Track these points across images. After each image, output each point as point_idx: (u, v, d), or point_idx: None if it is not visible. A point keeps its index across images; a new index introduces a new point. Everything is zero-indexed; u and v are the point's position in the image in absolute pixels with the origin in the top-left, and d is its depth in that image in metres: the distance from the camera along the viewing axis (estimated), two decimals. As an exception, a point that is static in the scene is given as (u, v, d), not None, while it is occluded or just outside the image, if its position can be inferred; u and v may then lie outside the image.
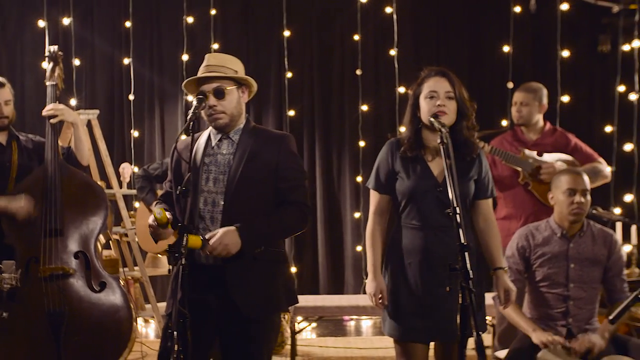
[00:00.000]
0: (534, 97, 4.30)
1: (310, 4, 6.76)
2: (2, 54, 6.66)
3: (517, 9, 6.49)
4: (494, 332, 4.53)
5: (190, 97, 2.78)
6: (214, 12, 6.54)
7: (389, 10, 6.48)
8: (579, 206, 3.37)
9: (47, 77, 3.82)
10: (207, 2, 6.52)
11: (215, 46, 6.54)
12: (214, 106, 2.70)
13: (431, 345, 3.01)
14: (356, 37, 6.59)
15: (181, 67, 6.53)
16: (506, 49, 6.51)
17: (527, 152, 4.27)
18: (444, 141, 2.63)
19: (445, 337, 2.86)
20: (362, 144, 6.56)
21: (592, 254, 3.42)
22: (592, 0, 6.24)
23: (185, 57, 6.47)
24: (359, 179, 6.55)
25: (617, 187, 6.28)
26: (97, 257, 3.49)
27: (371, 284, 2.93)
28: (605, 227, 3.53)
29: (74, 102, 6.40)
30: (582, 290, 3.40)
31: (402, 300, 2.91)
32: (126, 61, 6.55)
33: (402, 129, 3.10)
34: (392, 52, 6.50)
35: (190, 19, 6.52)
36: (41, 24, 6.39)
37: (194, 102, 2.66)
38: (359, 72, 6.58)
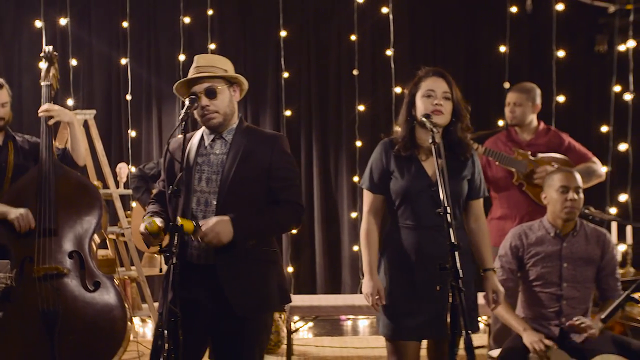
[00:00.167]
0: (527, 97, 4.30)
1: (307, 4, 6.78)
2: (-1, 55, 6.69)
3: (514, 9, 6.50)
4: (489, 332, 4.54)
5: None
6: (210, 12, 6.55)
7: (385, 10, 6.50)
8: (572, 203, 3.38)
9: (42, 77, 3.83)
10: (204, 2, 6.53)
11: (212, 46, 6.55)
12: (207, 106, 2.71)
13: (424, 343, 3.03)
14: (353, 37, 6.60)
15: (178, 67, 6.53)
16: (502, 49, 6.53)
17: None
18: (435, 141, 2.65)
19: (436, 336, 2.87)
20: (358, 144, 6.57)
21: (585, 253, 3.44)
22: (588, 0, 6.24)
23: (182, 57, 6.47)
24: (356, 179, 6.56)
25: (613, 187, 6.29)
26: (91, 257, 3.50)
27: (368, 284, 2.93)
28: (598, 227, 3.53)
29: (71, 102, 6.41)
30: (575, 289, 3.41)
31: (395, 299, 2.92)
32: (123, 61, 6.56)
33: (398, 128, 3.10)
34: (389, 52, 6.51)
35: (187, 19, 6.53)
36: (38, 24, 6.40)
37: (187, 102, 2.67)
38: (355, 72, 6.58)
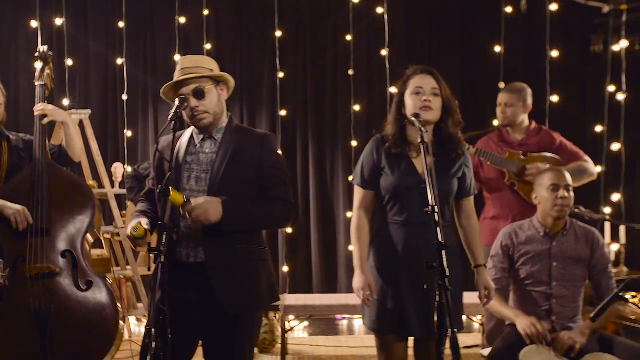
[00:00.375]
0: (518, 97, 4.31)
1: (302, 4, 6.79)
2: (-4, 54, 6.70)
3: (509, 9, 6.51)
4: (483, 331, 4.55)
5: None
6: (206, 12, 6.57)
7: (380, 10, 6.51)
8: (563, 201, 3.39)
9: (37, 77, 3.84)
10: (200, 2, 6.54)
11: (207, 46, 6.57)
12: (196, 107, 2.72)
13: (411, 342, 3.05)
14: (348, 37, 6.62)
15: (174, 67, 6.50)
16: (497, 49, 6.54)
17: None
18: (425, 140, 2.66)
19: (423, 334, 2.89)
20: (354, 143, 6.58)
21: (575, 252, 3.45)
22: (583, 0, 6.26)
23: (178, 57, 6.48)
24: (352, 179, 6.57)
25: (607, 186, 6.30)
26: (84, 256, 3.50)
27: (359, 279, 2.93)
28: (587, 226, 3.55)
29: (66, 102, 6.42)
30: (565, 288, 3.43)
31: (383, 295, 2.93)
32: (119, 61, 6.58)
33: (388, 127, 3.11)
34: (384, 52, 6.52)
35: (182, 19, 6.54)
36: (34, 24, 6.41)
37: (176, 102, 2.68)
38: (351, 72, 6.60)
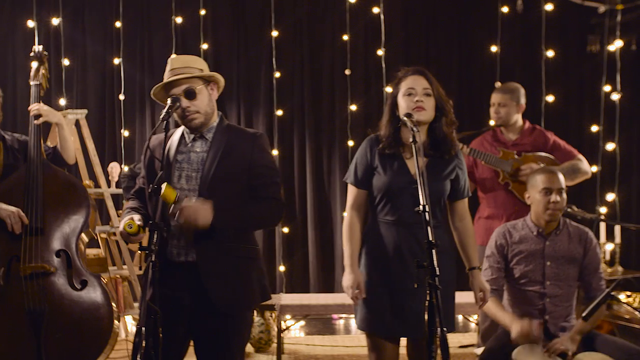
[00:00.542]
0: (511, 97, 4.32)
1: (299, 4, 6.80)
2: (-6, 54, 6.72)
3: (505, 9, 6.52)
4: (479, 330, 4.57)
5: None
6: (203, 12, 6.57)
7: (376, 10, 6.52)
8: (555, 205, 3.40)
9: (32, 76, 3.85)
10: (197, 2, 6.55)
11: (204, 46, 6.57)
12: (187, 107, 2.72)
13: (404, 341, 3.05)
14: (345, 37, 6.62)
15: (171, 67, 6.54)
16: (494, 48, 6.55)
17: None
18: (416, 140, 2.67)
19: (414, 334, 2.89)
20: (351, 143, 6.59)
21: (568, 252, 3.46)
22: (579, 0, 6.27)
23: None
24: (345, 177, 6.57)
25: (603, 186, 6.31)
26: (78, 256, 3.51)
27: (348, 277, 2.95)
28: (581, 225, 3.56)
29: (63, 101, 6.43)
30: (559, 287, 3.44)
31: (374, 294, 2.94)
32: (116, 61, 6.58)
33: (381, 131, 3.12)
34: (380, 52, 6.53)
35: (179, 19, 6.55)
36: (30, 24, 6.42)
37: (168, 102, 2.69)
38: (347, 72, 6.61)
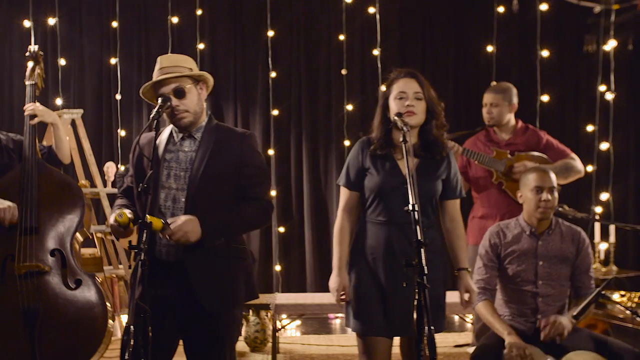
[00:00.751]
0: (503, 97, 4.33)
1: (296, 4, 6.81)
2: (-10, 54, 6.73)
3: (501, 9, 6.54)
4: (474, 330, 4.58)
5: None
6: (200, 12, 6.59)
7: (372, 10, 6.53)
8: (546, 204, 3.42)
9: (27, 76, 3.85)
10: (194, 2, 6.56)
11: (201, 46, 6.59)
12: (177, 106, 2.72)
13: (397, 341, 3.07)
14: (341, 37, 6.64)
15: (168, 67, 6.54)
16: (490, 48, 6.56)
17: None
18: (407, 140, 2.69)
19: (406, 333, 2.91)
20: (347, 143, 6.61)
21: (560, 251, 3.47)
22: (575, 0, 6.28)
23: (171, 57, 6.50)
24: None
25: (598, 186, 6.33)
26: (73, 255, 3.52)
27: (335, 280, 2.98)
28: (573, 225, 3.57)
29: (59, 101, 6.44)
30: (551, 287, 3.45)
31: (366, 295, 2.95)
32: (113, 61, 6.60)
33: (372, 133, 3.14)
34: (376, 52, 6.54)
35: (175, 19, 6.57)
36: (27, 24, 6.43)
37: (159, 101, 2.70)
38: (344, 71, 6.62)
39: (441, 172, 3.03)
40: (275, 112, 6.68)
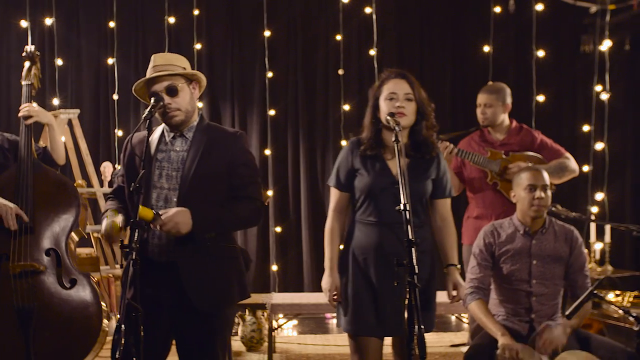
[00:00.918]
0: (496, 97, 4.33)
1: (293, 4, 6.82)
2: (-12, 54, 6.74)
3: (497, 9, 6.55)
4: (469, 329, 4.59)
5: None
6: (197, 12, 6.60)
7: (368, 10, 6.54)
8: (539, 202, 3.43)
9: (24, 76, 3.86)
10: (190, 2, 6.57)
11: (198, 46, 6.60)
12: (169, 104, 2.73)
13: (388, 340, 3.08)
14: (338, 37, 6.65)
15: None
16: (486, 48, 6.57)
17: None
18: (398, 139, 2.70)
19: (398, 332, 2.92)
20: (344, 143, 6.60)
21: (554, 251, 3.48)
22: (571, 0, 6.29)
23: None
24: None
25: (594, 186, 6.33)
26: (68, 255, 3.53)
27: (326, 280, 3.00)
28: (567, 225, 3.58)
29: (56, 101, 6.45)
30: (544, 286, 3.46)
31: (357, 295, 2.97)
32: (110, 61, 6.61)
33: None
34: (372, 52, 6.55)
35: (172, 20, 6.58)
36: (24, 24, 6.43)
37: (152, 101, 2.70)
38: (341, 71, 6.63)
39: (431, 171, 3.05)
40: (272, 112, 6.69)
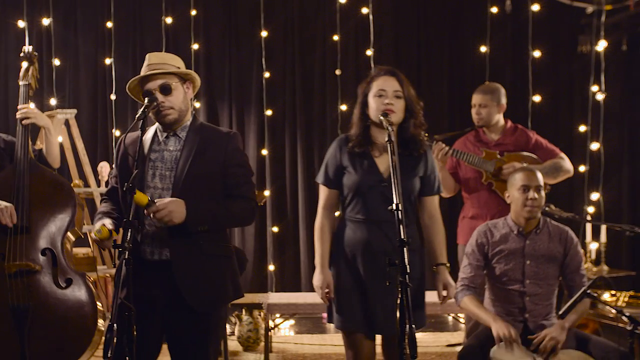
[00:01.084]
0: (491, 98, 4.34)
1: (290, 4, 6.83)
2: (-15, 54, 6.74)
3: (494, 10, 6.56)
4: (465, 329, 4.60)
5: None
6: (194, 12, 6.61)
7: (365, 10, 6.55)
8: (533, 202, 3.44)
9: (21, 76, 3.87)
10: (188, 2, 6.58)
11: (195, 46, 6.61)
12: (162, 102, 2.74)
13: (379, 339, 3.09)
14: (335, 38, 6.65)
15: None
16: (483, 49, 6.58)
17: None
18: (391, 139, 2.71)
19: (387, 331, 2.93)
20: (341, 143, 6.61)
21: (548, 251, 3.49)
22: (568, 1, 6.30)
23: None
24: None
25: (590, 186, 6.34)
26: (64, 254, 3.53)
27: (318, 277, 3.02)
28: (561, 225, 3.59)
29: (54, 101, 6.45)
30: (538, 286, 3.47)
31: (346, 292, 2.99)
32: (108, 61, 6.61)
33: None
34: (369, 52, 6.56)
35: (169, 20, 6.58)
36: (21, 24, 6.44)
37: (145, 101, 2.71)
38: (338, 72, 6.63)
39: (419, 169, 3.06)
40: (269, 112, 6.70)
